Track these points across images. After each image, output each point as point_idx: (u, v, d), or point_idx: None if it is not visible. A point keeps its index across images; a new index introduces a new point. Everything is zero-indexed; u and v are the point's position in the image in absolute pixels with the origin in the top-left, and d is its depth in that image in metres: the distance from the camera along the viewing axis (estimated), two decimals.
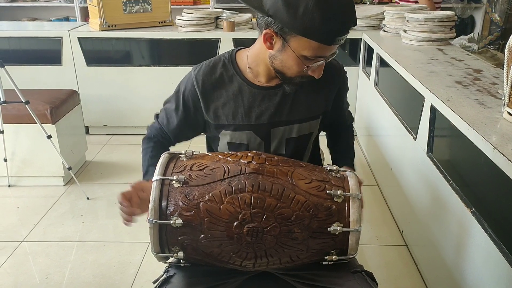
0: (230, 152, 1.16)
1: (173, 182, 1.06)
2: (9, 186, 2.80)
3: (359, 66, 3.36)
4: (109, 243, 2.27)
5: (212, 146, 1.38)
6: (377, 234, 2.33)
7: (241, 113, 1.23)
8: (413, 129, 2.10)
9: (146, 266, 2.10)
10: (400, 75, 2.25)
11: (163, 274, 1.16)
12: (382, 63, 2.75)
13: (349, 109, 1.49)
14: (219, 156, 1.13)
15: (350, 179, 1.10)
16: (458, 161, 1.73)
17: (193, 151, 1.16)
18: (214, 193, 1.04)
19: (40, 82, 3.36)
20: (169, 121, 1.32)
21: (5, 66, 2.46)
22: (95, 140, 3.53)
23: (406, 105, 2.32)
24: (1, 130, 2.58)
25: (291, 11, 1.02)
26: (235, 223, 1.02)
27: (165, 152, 1.15)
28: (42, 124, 2.53)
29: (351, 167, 1.36)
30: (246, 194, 1.03)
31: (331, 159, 1.45)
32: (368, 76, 3.09)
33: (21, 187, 2.81)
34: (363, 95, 3.28)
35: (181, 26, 3.37)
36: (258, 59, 1.20)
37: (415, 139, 2.05)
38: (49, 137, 2.51)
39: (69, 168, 2.63)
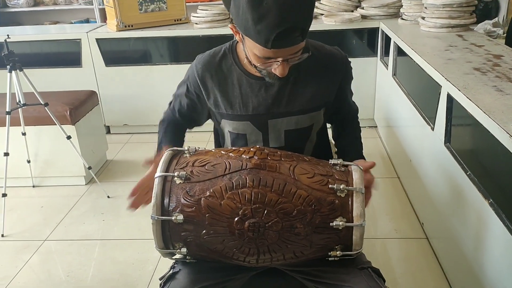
0: (233, 148, 1.15)
1: (175, 178, 1.06)
2: (33, 186, 2.88)
3: (377, 56, 3.29)
4: (128, 241, 2.30)
5: (219, 134, 1.38)
6: (397, 227, 2.28)
7: (239, 103, 1.23)
8: (430, 119, 2.04)
9: (164, 263, 2.11)
10: (417, 63, 2.19)
11: (169, 271, 1.17)
12: (400, 52, 2.68)
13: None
14: (222, 152, 1.13)
15: (355, 173, 1.07)
16: (476, 151, 1.67)
17: (195, 147, 1.15)
18: (215, 189, 1.03)
19: (62, 84, 3.41)
20: (180, 107, 1.36)
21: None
22: (116, 139, 3.58)
23: (423, 95, 2.26)
24: (23, 132, 2.64)
25: (236, 9, 1.02)
26: (236, 219, 1.01)
27: (169, 149, 1.15)
28: (62, 125, 2.58)
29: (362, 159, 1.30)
30: (246, 189, 1.01)
31: (337, 153, 1.40)
32: (386, 66, 3.02)
33: (44, 187, 2.88)
34: (382, 85, 3.22)
35: (196, 23, 3.38)
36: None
37: (432, 129, 1.99)
38: (69, 137, 2.56)
39: (89, 168, 2.68)
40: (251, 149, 1.11)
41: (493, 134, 1.34)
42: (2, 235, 2.37)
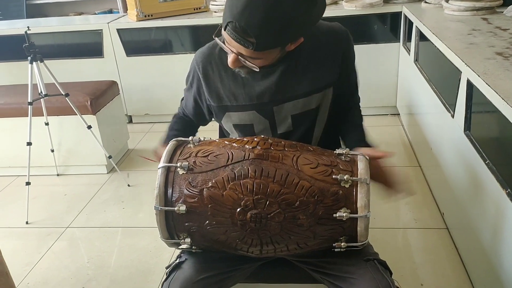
0: (237, 138, 1.14)
1: (178, 169, 1.06)
2: (57, 175, 2.95)
3: (400, 42, 3.20)
4: (146, 228, 2.34)
5: (223, 131, 1.37)
6: (417, 217, 2.24)
7: (242, 93, 1.21)
8: (450, 106, 1.97)
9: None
10: (438, 48, 2.12)
11: (175, 260, 1.18)
12: (422, 37, 2.60)
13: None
14: (225, 142, 1.12)
15: (360, 163, 1.05)
16: (496, 139, 1.61)
17: (199, 138, 1.15)
18: (217, 180, 1.03)
19: (84, 74, 3.48)
20: (186, 104, 1.37)
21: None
22: (138, 128, 3.63)
23: (444, 81, 2.19)
24: (46, 122, 2.71)
25: None
26: (238, 210, 1.00)
27: (173, 139, 1.15)
28: (84, 115, 2.62)
29: (367, 146, 1.24)
30: (248, 180, 1.00)
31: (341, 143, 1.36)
32: (409, 51, 2.94)
33: (68, 176, 2.95)
34: (404, 72, 3.13)
35: (215, 12, 3.37)
36: None
37: (452, 116, 1.93)
38: (89, 127, 2.60)
39: (110, 157, 2.72)
40: (255, 139, 1.10)
41: (511, 121, 1.29)
42: (27, 222, 2.45)
